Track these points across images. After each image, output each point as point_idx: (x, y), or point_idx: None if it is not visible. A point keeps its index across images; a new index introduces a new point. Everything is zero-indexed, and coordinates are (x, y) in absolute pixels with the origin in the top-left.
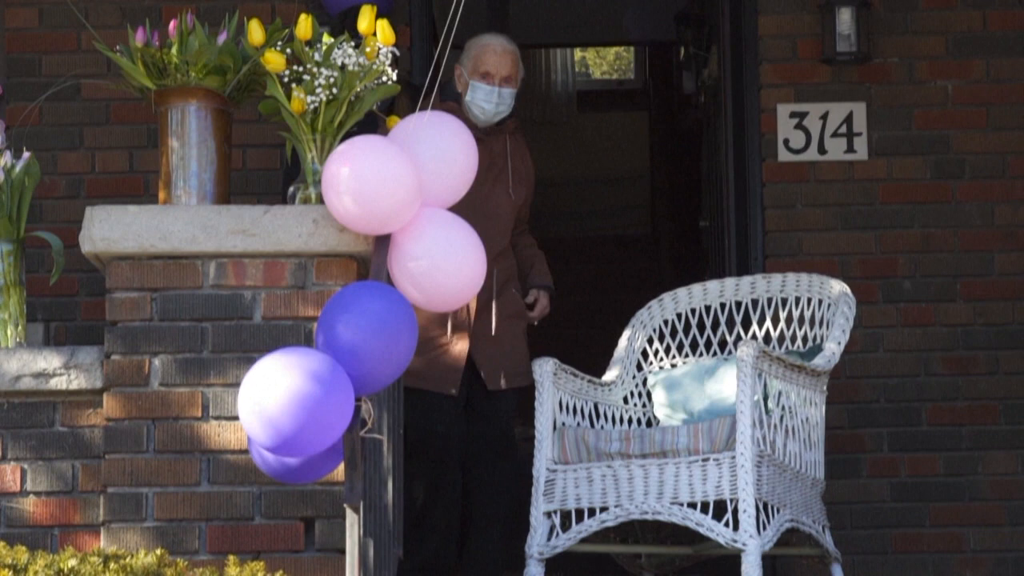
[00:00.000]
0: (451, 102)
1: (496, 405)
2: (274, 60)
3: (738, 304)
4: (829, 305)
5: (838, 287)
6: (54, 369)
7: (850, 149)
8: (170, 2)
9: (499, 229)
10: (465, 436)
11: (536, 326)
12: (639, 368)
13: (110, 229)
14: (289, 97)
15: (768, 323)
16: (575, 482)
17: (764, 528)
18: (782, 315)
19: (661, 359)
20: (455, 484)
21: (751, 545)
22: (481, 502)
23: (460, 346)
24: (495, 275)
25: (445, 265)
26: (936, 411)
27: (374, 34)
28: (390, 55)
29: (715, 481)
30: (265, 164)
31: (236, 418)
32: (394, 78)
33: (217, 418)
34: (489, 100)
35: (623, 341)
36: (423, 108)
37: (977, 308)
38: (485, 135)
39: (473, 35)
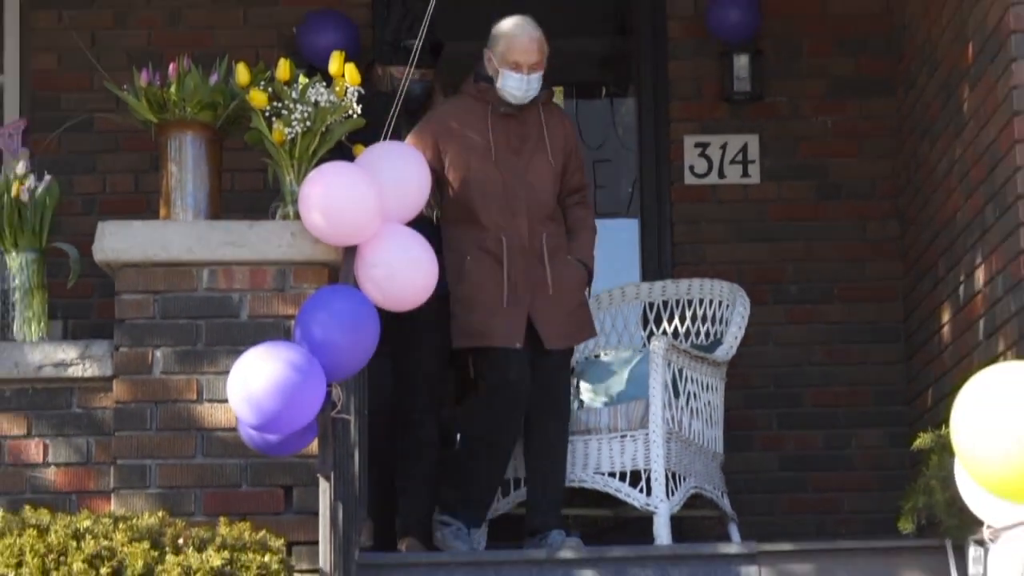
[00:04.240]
0: (483, 83)
1: (552, 363)
2: (258, 98)
3: (651, 304)
4: (728, 306)
5: (735, 291)
6: (71, 359)
7: (745, 174)
8: (170, 48)
9: (543, 196)
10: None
11: None
12: None
13: (119, 241)
14: (271, 129)
15: (676, 320)
16: (513, 455)
17: (672, 494)
18: (688, 314)
19: (587, 349)
20: (516, 436)
21: (662, 508)
22: (530, 458)
23: (520, 304)
24: (544, 238)
25: (402, 271)
26: (816, 395)
27: (343, 76)
28: (356, 94)
29: (631, 454)
30: (250, 186)
31: (226, 401)
32: (359, 112)
33: (210, 401)
34: (519, 88)
35: None
36: (399, 121)
37: (851, 308)
38: (519, 111)
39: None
